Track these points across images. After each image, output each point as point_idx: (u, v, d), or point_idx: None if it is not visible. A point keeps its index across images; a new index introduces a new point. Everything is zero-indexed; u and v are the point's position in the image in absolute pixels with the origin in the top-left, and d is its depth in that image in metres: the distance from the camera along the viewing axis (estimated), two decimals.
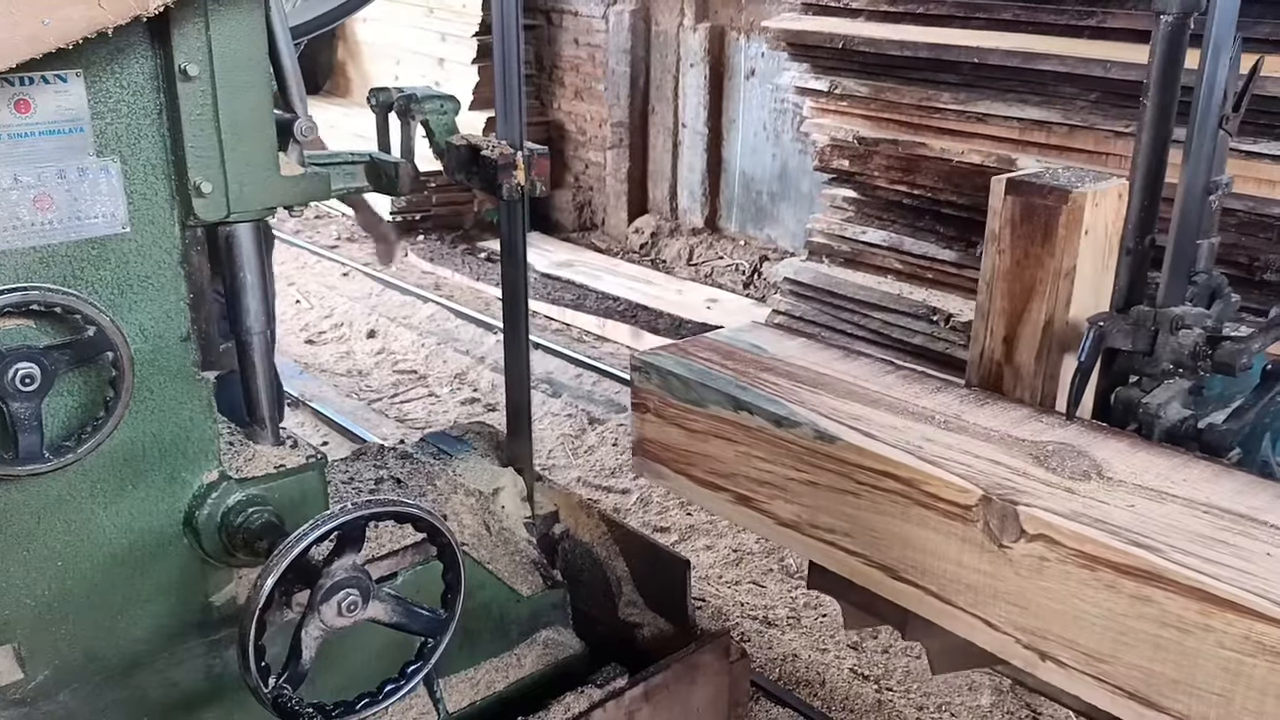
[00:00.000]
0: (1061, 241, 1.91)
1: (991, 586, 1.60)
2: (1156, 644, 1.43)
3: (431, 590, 1.78)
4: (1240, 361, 1.88)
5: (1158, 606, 1.42)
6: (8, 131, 1.53)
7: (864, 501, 1.76)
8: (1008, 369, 2.03)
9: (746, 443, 1.92)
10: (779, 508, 1.92)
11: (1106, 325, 1.94)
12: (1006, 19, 4.45)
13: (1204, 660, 1.39)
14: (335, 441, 4.68)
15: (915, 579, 1.72)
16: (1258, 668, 1.33)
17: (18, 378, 1.54)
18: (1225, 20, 1.83)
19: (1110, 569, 1.46)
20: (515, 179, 2.16)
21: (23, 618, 1.71)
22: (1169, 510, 1.55)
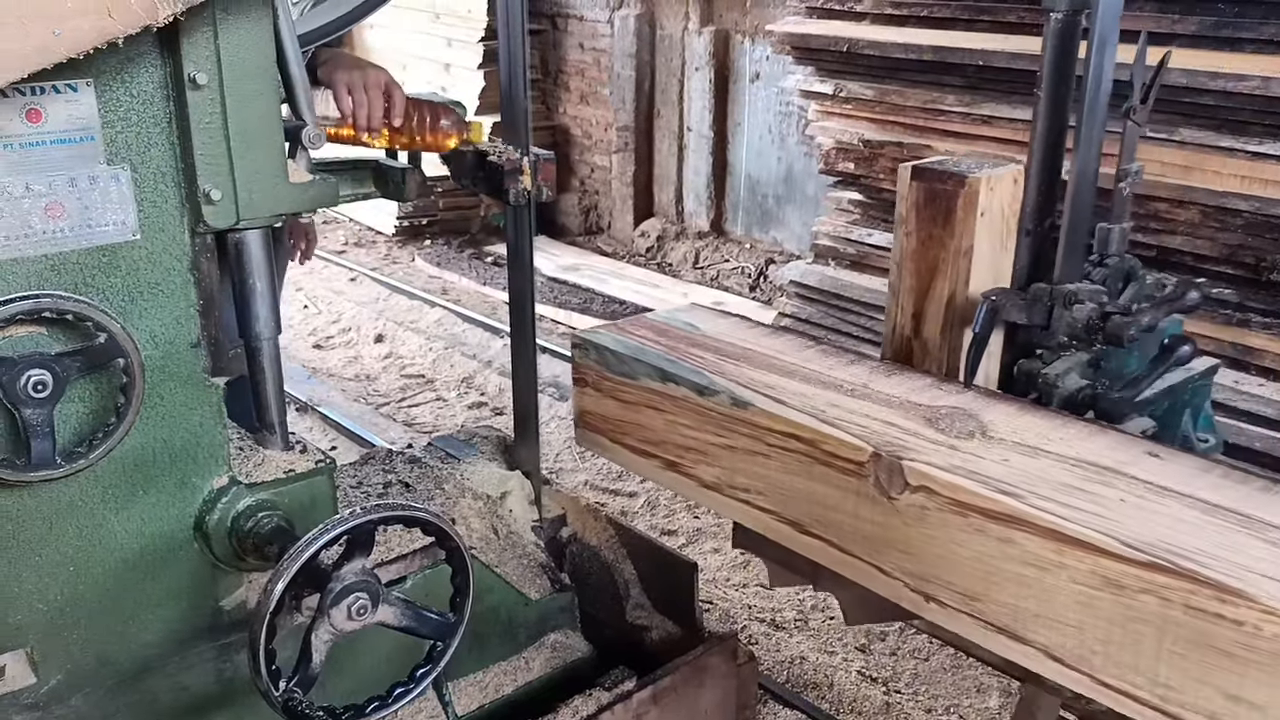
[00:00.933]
0: (959, 223, 2.05)
1: (883, 536, 1.73)
2: (1020, 582, 1.56)
3: (440, 594, 1.79)
4: (1127, 334, 2.01)
5: (1019, 548, 1.54)
6: (20, 141, 1.55)
7: (774, 462, 1.88)
8: (916, 343, 2.17)
9: (673, 412, 2.05)
10: (702, 471, 2.04)
11: (999, 299, 2.08)
12: (1011, 21, 4.45)
13: (1060, 595, 1.51)
14: (344, 446, 4.70)
15: (819, 532, 1.84)
16: (1104, 600, 1.46)
17: (30, 384, 1.56)
18: (1109, 16, 1.99)
19: (980, 515, 1.58)
20: (521, 184, 2.17)
21: (35, 622, 1.72)
22: (1040, 464, 1.67)
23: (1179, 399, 2.25)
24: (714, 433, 1.97)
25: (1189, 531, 1.47)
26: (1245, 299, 3.81)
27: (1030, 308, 2.08)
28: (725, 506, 2.03)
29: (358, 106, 2.10)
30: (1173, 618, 1.40)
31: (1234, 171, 3.78)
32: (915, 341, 2.18)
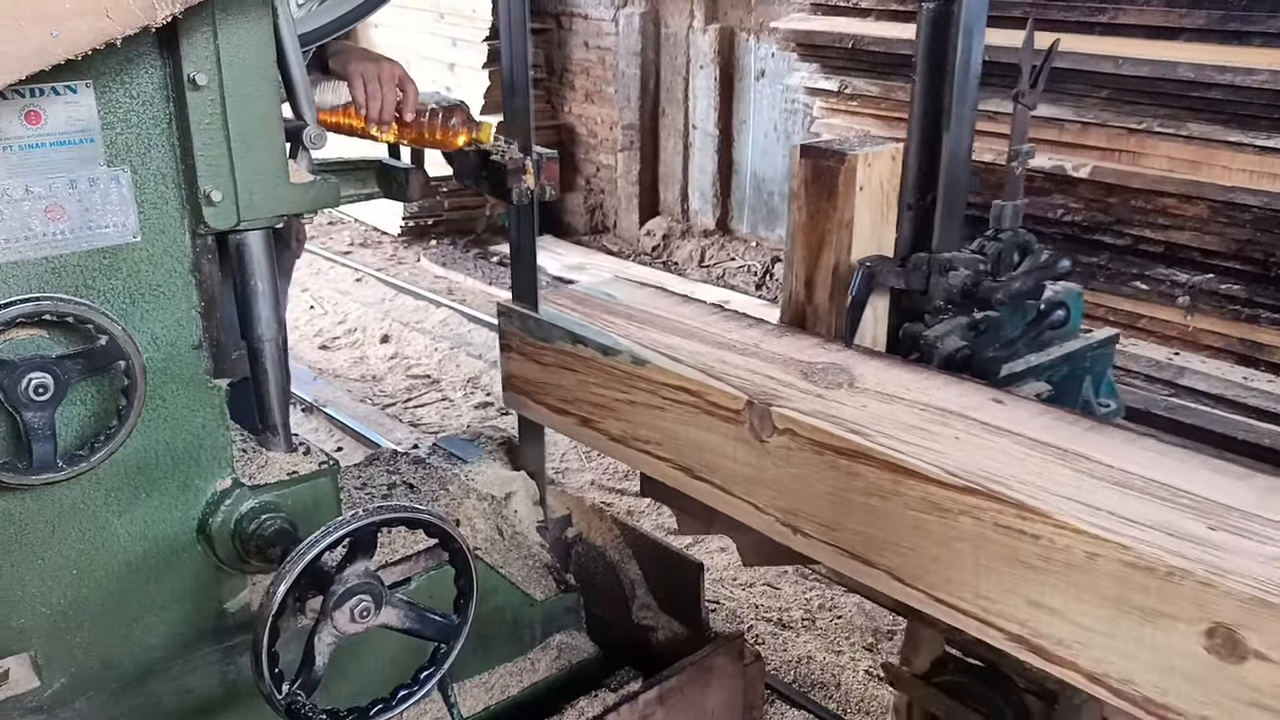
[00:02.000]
0: (841, 197, 2.22)
1: (757, 476, 1.91)
2: (867, 510, 1.73)
3: (444, 595, 1.78)
4: (995, 297, 2.20)
5: (864, 480, 1.73)
6: (19, 143, 1.54)
7: (668, 414, 2.05)
8: (808, 308, 2.34)
9: (583, 371, 2.22)
10: (610, 426, 2.21)
11: (874, 266, 2.23)
12: (1016, 16, 4.43)
13: (898, 520, 1.69)
14: (349, 447, 4.70)
15: (707, 476, 2.01)
16: (932, 522, 1.64)
17: (31, 387, 1.55)
18: (976, 6, 2.17)
19: (834, 452, 1.76)
20: (524, 183, 2.16)
21: (38, 626, 1.72)
22: (893, 409, 1.85)
23: (1078, 365, 2.42)
24: (618, 389, 2.14)
25: (1007, 462, 1.64)
26: (1254, 295, 3.79)
27: (910, 275, 2.25)
28: (630, 458, 2.20)
29: (370, 98, 2.10)
30: (985, 535, 1.57)
31: (1242, 166, 3.76)
32: (808, 306, 2.34)
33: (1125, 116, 4.03)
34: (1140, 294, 4.06)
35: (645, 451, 2.13)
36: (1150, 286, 4.04)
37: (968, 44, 2.18)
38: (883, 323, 2.29)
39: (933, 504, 1.63)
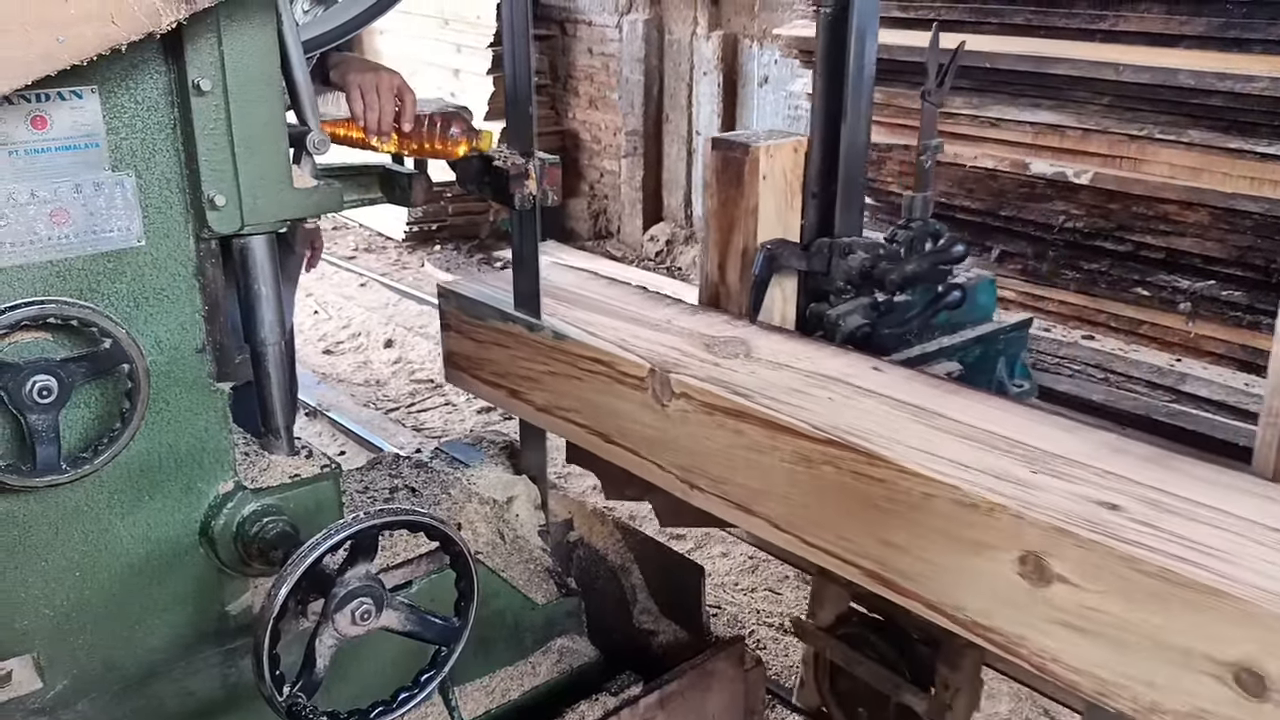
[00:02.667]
0: (747, 185, 2.37)
1: (659, 438, 2.08)
2: (749, 465, 1.90)
3: (446, 598, 1.79)
4: (889, 278, 2.39)
5: (747, 437, 1.89)
6: (25, 147, 1.55)
7: (585, 384, 2.21)
8: (721, 288, 2.50)
9: (513, 347, 2.38)
10: (535, 396, 2.38)
11: (775, 249, 2.40)
12: (1018, 23, 4.45)
13: (775, 472, 1.86)
14: (352, 450, 4.71)
15: (620, 440, 2.18)
16: (801, 473, 1.82)
17: (35, 390, 1.56)
18: (867, 11, 2.37)
19: (722, 413, 1.93)
20: (527, 189, 2.17)
21: (41, 628, 1.73)
22: (780, 375, 2.03)
23: (991, 348, 2.63)
24: (542, 363, 2.31)
25: (869, 419, 1.83)
26: (1255, 301, 3.79)
27: (812, 258, 2.43)
28: (554, 425, 2.37)
29: (369, 109, 2.11)
30: (844, 482, 1.75)
31: (1243, 173, 3.76)
32: (721, 287, 2.51)
33: (1126, 123, 4.04)
34: (1142, 300, 4.07)
35: (566, 419, 2.30)
36: (1151, 293, 4.04)
37: (860, 46, 2.38)
38: (791, 303, 2.48)
39: (802, 456, 1.81)
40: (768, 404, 1.88)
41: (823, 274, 2.42)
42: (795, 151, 2.41)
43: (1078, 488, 1.58)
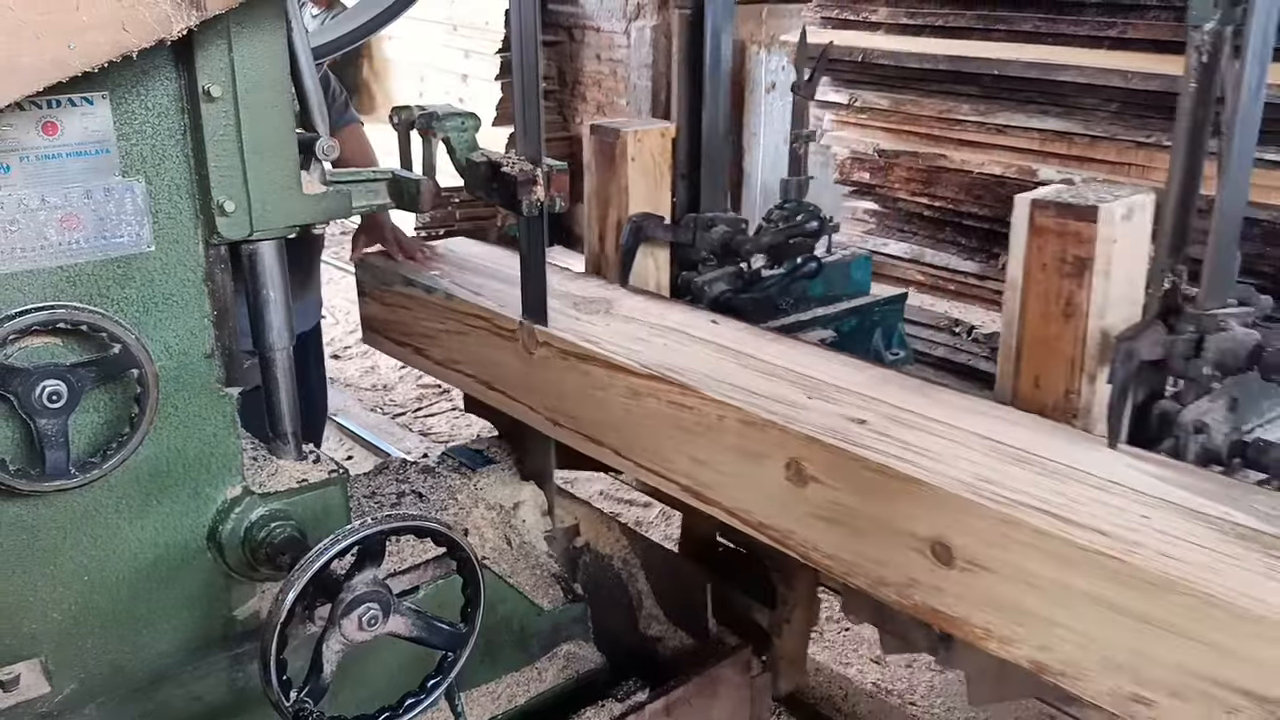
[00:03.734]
0: (619, 167, 2.64)
1: (529, 382, 2.35)
2: (595, 401, 2.18)
3: (452, 604, 1.79)
4: (744, 249, 2.69)
5: (593, 377, 2.16)
6: (36, 153, 1.56)
7: (470, 339, 2.47)
8: (601, 258, 2.77)
9: (415, 308, 2.63)
10: (433, 352, 2.63)
11: (640, 221, 2.64)
12: (1027, 30, 4.44)
13: (613, 406, 2.14)
14: (360, 456, 4.71)
15: (500, 387, 2.45)
16: (633, 405, 2.09)
17: (45, 395, 1.57)
18: (724, 13, 2.64)
19: (575, 358, 2.20)
20: (535, 195, 2.17)
21: (49, 632, 1.73)
22: (629, 327, 2.29)
23: (867, 318, 2.93)
24: (438, 321, 2.56)
25: (693, 360, 2.10)
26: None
27: (679, 231, 2.69)
28: (448, 377, 2.65)
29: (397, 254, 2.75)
30: (662, 411, 2.03)
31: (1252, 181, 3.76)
32: (601, 257, 2.77)
33: (1134, 130, 4.03)
34: None
35: (458, 371, 2.57)
36: None
37: (716, 42, 2.65)
38: (665, 271, 2.75)
39: (633, 391, 2.09)
40: (611, 349, 2.15)
41: (689, 245, 2.69)
42: (662, 137, 2.68)
43: (839, 409, 1.89)
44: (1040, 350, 1.91)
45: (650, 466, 2.11)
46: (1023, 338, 1.93)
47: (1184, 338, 1.90)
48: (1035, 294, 1.89)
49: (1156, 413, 1.92)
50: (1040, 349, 1.91)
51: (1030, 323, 1.91)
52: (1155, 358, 1.88)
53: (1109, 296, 1.83)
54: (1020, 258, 1.91)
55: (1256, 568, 1.41)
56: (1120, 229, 1.82)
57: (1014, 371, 1.96)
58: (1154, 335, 1.87)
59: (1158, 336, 1.88)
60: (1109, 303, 1.84)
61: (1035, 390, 1.93)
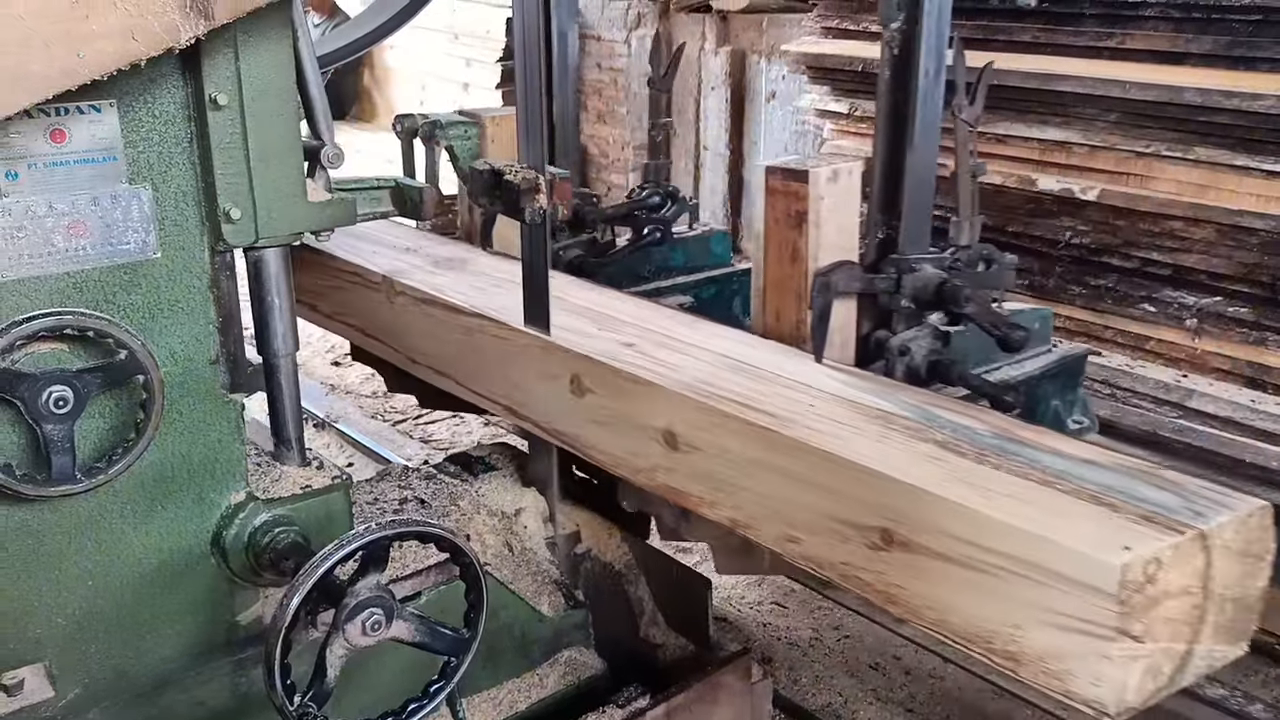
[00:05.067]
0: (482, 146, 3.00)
1: (392, 327, 2.67)
2: (438, 338, 2.53)
3: (455, 610, 1.80)
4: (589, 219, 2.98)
5: (436, 319, 2.51)
6: (44, 160, 1.57)
7: (350, 293, 2.82)
8: (471, 229, 3.10)
9: (313, 270, 2.89)
10: (323, 306, 2.96)
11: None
12: (1025, 40, 4.45)
13: (449, 339, 2.50)
14: (360, 463, 4.71)
15: (373, 332, 2.76)
16: (467, 340, 2.43)
17: (51, 400, 1.58)
18: (566, 12, 3.02)
19: (425, 304, 2.54)
20: (538, 203, 2.19)
21: (54, 636, 1.74)
22: (474, 279, 2.63)
23: (725, 288, 3.19)
24: (328, 279, 2.87)
25: (514, 302, 2.34)
26: (1261, 318, 3.79)
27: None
28: (336, 329, 3.00)
29: None
30: (488, 343, 2.37)
31: (1249, 190, 3.76)
32: (471, 228, 3.10)
33: (1133, 140, 4.04)
34: (1148, 316, 4.06)
35: (343, 322, 2.91)
36: (1158, 309, 4.04)
37: (563, 46, 3.05)
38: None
39: (466, 329, 2.42)
40: (452, 295, 2.49)
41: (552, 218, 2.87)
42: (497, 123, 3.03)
43: (618, 336, 2.25)
44: (777, 289, 2.32)
45: (481, 392, 2.46)
46: (765, 280, 2.34)
47: (886, 276, 2.27)
48: (772, 243, 2.28)
49: (874, 341, 2.32)
50: (776, 288, 2.32)
51: (769, 267, 2.31)
52: (851, 290, 2.24)
53: (822, 244, 2.22)
54: (761, 215, 2.30)
55: (872, 436, 1.81)
56: (827, 189, 2.21)
57: (761, 308, 2.39)
58: (847, 271, 2.23)
59: (852, 273, 2.24)
60: (822, 249, 2.22)
61: (776, 322, 2.35)
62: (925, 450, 1.74)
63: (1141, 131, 4.06)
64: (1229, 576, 1.54)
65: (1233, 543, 1.54)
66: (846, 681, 3.25)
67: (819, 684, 3.24)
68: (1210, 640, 1.55)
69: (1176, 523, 1.51)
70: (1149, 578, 1.43)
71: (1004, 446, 1.75)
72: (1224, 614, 1.55)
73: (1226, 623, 1.56)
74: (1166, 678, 1.51)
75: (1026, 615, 1.51)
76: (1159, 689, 1.51)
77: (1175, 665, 1.51)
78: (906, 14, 2.23)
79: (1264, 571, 1.58)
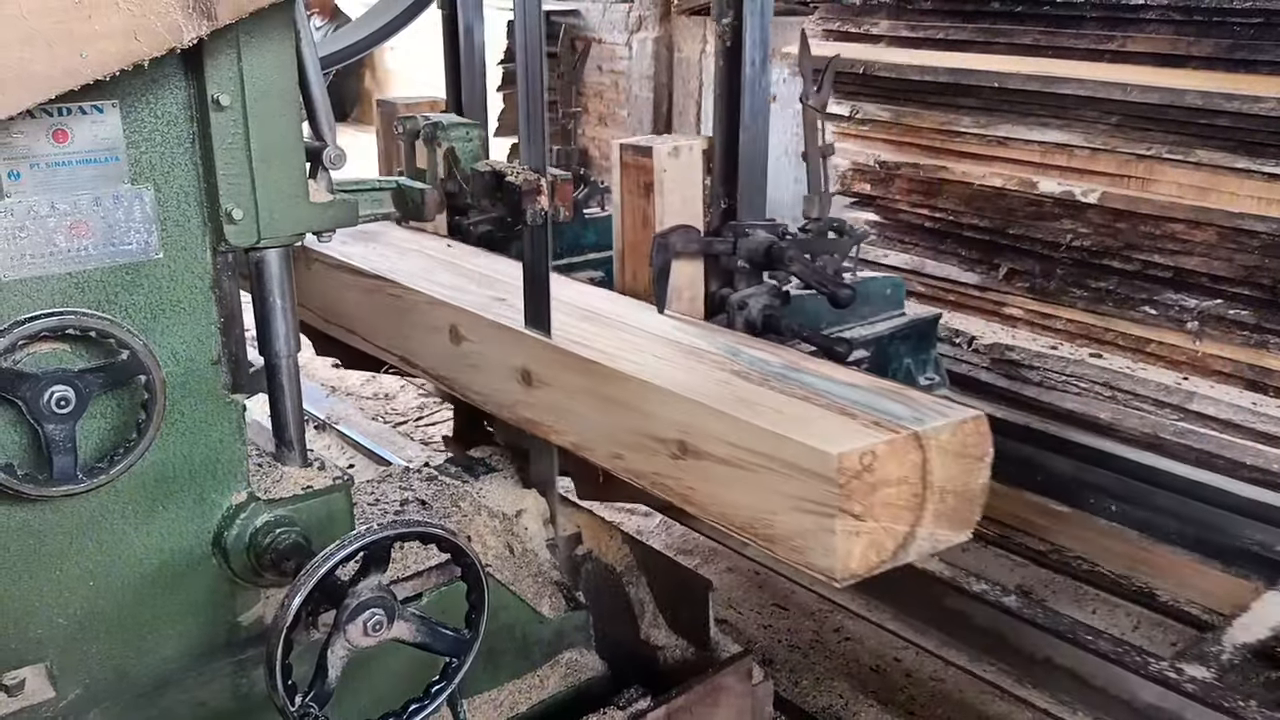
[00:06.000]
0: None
1: (310, 291, 2.83)
2: (347, 300, 2.80)
3: (456, 611, 1.80)
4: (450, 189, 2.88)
5: (344, 281, 2.81)
6: (46, 160, 1.58)
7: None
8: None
9: None
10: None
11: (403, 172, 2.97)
12: (1027, 43, 4.46)
13: (349, 299, 2.80)
14: (361, 464, 4.71)
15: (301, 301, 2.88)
16: (366, 300, 2.73)
17: (53, 400, 1.58)
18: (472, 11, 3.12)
19: (335, 269, 2.83)
20: (539, 204, 2.19)
21: (54, 636, 1.74)
22: (382, 249, 2.90)
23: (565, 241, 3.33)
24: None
25: (411, 266, 2.71)
26: (1262, 320, 3.79)
27: (449, 182, 2.87)
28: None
29: None
30: (387, 303, 2.65)
31: (1250, 193, 3.76)
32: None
33: (1134, 143, 4.04)
34: (1149, 319, 4.06)
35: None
36: (1159, 312, 4.04)
37: (470, 42, 3.15)
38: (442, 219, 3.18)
39: (366, 290, 2.71)
40: (359, 261, 2.75)
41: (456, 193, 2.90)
42: (432, 106, 3.16)
43: (493, 293, 2.52)
44: (633, 253, 2.60)
45: (382, 345, 2.74)
46: (623, 245, 2.63)
47: (723, 240, 2.58)
48: (627, 211, 2.57)
49: (718, 297, 2.62)
50: (632, 251, 2.60)
51: (625, 233, 2.60)
52: (689, 251, 2.53)
53: (667, 211, 2.50)
54: (618, 187, 2.59)
55: (681, 367, 2.13)
56: (669, 163, 2.49)
57: (620, 269, 2.69)
58: (684, 234, 2.51)
59: (689, 236, 2.52)
60: (668, 216, 2.50)
61: (634, 281, 2.63)
62: (720, 377, 2.07)
63: (1143, 134, 4.06)
64: (947, 472, 1.84)
65: (949, 444, 1.84)
66: (847, 684, 3.25)
67: (820, 686, 3.24)
68: (932, 525, 1.85)
69: (899, 426, 1.82)
70: (865, 467, 1.73)
71: (786, 374, 2.10)
72: (945, 504, 1.85)
73: (948, 511, 1.86)
74: (890, 553, 1.81)
75: (779, 503, 1.83)
76: (883, 561, 1.80)
77: (898, 543, 1.81)
78: (735, 11, 2.57)
79: (983, 470, 1.88)
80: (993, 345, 4.38)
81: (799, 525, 1.79)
